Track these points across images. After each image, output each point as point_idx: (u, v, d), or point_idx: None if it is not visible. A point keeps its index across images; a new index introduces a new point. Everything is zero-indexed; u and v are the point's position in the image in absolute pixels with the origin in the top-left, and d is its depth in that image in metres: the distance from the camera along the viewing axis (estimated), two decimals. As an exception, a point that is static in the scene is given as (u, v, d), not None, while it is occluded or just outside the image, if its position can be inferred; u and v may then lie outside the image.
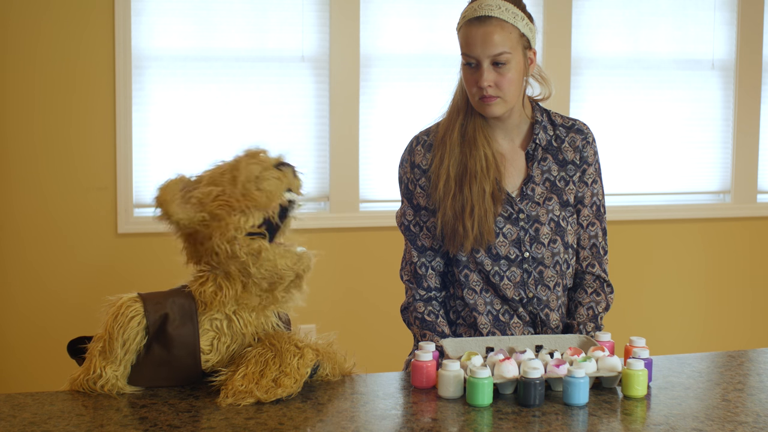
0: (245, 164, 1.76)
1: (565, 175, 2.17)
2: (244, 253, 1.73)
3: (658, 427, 1.62)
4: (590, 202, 2.20)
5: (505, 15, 2.04)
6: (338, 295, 3.72)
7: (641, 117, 4.04)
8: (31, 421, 1.60)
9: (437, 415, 1.67)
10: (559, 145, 2.18)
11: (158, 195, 1.75)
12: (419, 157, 2.16)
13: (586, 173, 2.19)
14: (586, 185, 2.19)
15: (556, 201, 2.15)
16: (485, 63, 2.03)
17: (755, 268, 4.23)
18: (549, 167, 2.16)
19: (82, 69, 3.45)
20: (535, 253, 2.13)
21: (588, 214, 2.19)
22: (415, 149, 2.18)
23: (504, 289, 2.12)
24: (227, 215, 1.73)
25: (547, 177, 2.15)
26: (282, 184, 1.77)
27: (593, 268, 2.19)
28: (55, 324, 3.48)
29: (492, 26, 2.03)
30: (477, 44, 2.03)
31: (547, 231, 2.14)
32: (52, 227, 3.48)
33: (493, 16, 2.03)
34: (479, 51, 2.03)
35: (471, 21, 2.05)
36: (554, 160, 2.17)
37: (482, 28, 2.03)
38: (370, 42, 3.71)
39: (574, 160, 2.18)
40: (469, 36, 2.04)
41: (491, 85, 2.03)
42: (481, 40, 2.02)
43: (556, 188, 2.16)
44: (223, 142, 3.59)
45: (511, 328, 2.13)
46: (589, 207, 2.20)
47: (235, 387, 1.71)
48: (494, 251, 2.12)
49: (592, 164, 2.21)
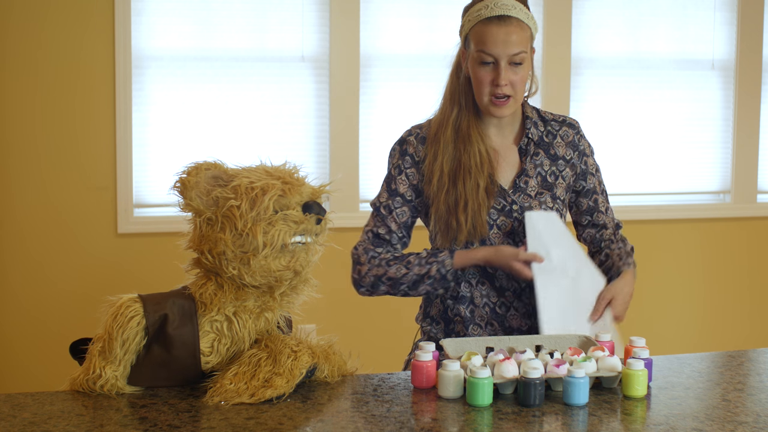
0: (272, 195, 1.70)
1: (555, 170, 2.20)
2: (232, 268, 1.73)
3: (658, 427, 1.62)
4: (601, 189, 2.28)
5: (521, 15, 2.07)
6: (338, 295, 3.71)
7: (641, 117, 4.04)
8: (31, 421, 1.60)
9: (437, 415, 1.67)
10: (551, 140, 2.21)
11: (184, 176, 1.73)
12: (411, 148, 2.18)
13: (589, 165, 2.26)
14: (592, 175, 2.26)
15: (548, 195, 2.18)
16: (503, 62, 2.05)
17: (755, 268, 4.23)
18: (541, 162, 2.19)
19: (82, 69, 3.45)
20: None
21: (603, 200, 2.28)
22: (407, 140, 2.20)
23: (499, 280, 2.14)
24: (227, 231, 1.72)
25: (539, 171, 2.18)
26: (289, 232, 1.72)
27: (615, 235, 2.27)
28: (56, 324, 3.48)
29: (512, 26, 2.05)
30: (498, 44, 2.04)
31: None
32: (52, 227, 3.48)
33: (513, 16, 2.05)
34: (500, 50, 2.04)
35: (490, 20, 2.05)
36: (546, 155, 2.20)
37: (503, 27, 2.04)
38: (370, 42, 3.71)
39: (564, 155, 2.21)
40: (488, 34, 2.05)
41: (507, 84, 2.05)
42: (503, 39, 2.04)
43: (547, 183, 2.19)
44: (223, 142, 3.59)
45: (508, 320, 2.14)
46: (601, 194, 2.28)
47: (224, 386, 1.70)
48: (488, 243, 2.13)
49: (590, 155, 2.28)
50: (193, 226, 1.79)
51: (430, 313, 2.24)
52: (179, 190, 1.74)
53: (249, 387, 1.70)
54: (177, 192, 1.75)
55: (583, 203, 2.26)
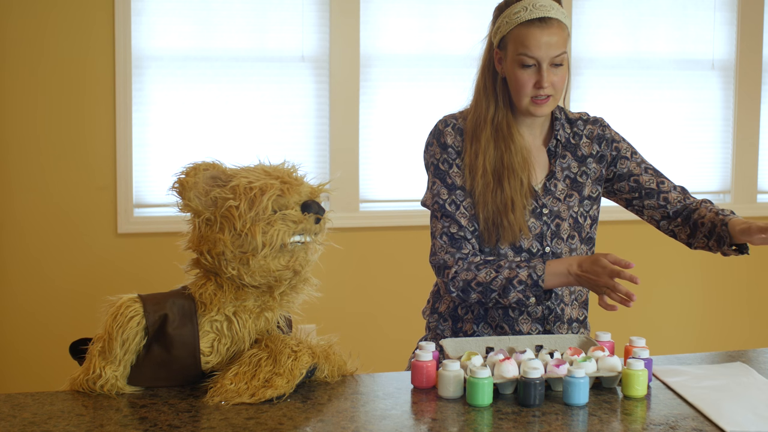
0: (271, 195, 1.71)
1: (585, 170, 2.19)
2: (231, 268, 1.73)
3: (658, 427, 1.62)
4: (641, 170, 2.23)
5: (560, 15, 2.06)
6: (338, 295, 3.71)
7: (641, 117, 4.04)
8: (31, 421, 1.60)
9: (437, 415, 1.67)
10: (578, 141, 2.19)
11: (183, 176, 1.73)
12: (450, 138, 2.13)
13: (621, 149, 2.23)
14: (627, 159, 2.23)
15: (576, 197, 2.17)
16: (545, 64, 2.03)
17: (754, 269, 4.23)
18: (569, 164, 2.18)
19: (82, 69, 3.45)
20: (555, 248, 2.13)
21: (648, 179, 2.22)
22: (444, 131, 2.14)
23: None
24: (226, 231, 1.72)
25: (567, 174, 2.17)
26: (288, 232, 1.72)
27: (688, 201, 2.23)
28: (56, 324, 3.48)
29: (554, 27, 2.04)
30: (541, 47, 2.02)
31: (567, 227, 2.15)
32: (52, 227, 3.49)
33: (554, 18, 2.04)
34: (543, 53, 2.03)
35: (532, 22, 2.03)
36: (573, 157, 2.18)
37: (546, 29, 2.03)
38: (370, 42, 3.71)
39: (591, 153, 2.20)
40: (530, 37, 2.03)
41: (549, 85, 2.05)
42: (546, 42, 2.02)
43: (576, 184, 2.17)
44: (223, 142, 3.59)
45: (518, 324, 2.13)
46: (644, 173, 2.23)
47: (224, 386, 1.70)
48: (518, 244, 2.12)
49: (621, 141, 2.25)
50: (192, 227, 1.79)
51: (439, 309, 2.21)
52: (178, 190, 1.74)
53: (249, 387, 1.70)
54: (175, 192, 1.75)
55: (624, 187, 2.22)
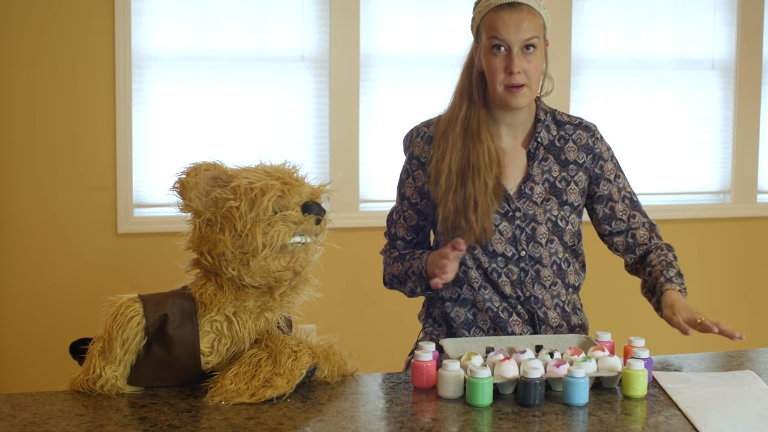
0: (271, 195, 1.71)
1: (566, 176, 2.16)
2: (231, 269, 1.73)
3: (658, 427, 1.62)
4: (620, 197, 2.21)
5: (531, 2, 2.06)
6: (338, 295, 3.71)
7: (641, 117, 4.04)
8: (31, 421, 1.60)
9: (437, 415, 1.67)
10: (563, 145, 2.17)
11: (183, 177, 1.73)
12: (418, 149, 2.17)
13: (605, 170, 2.20)
14: (609, 182, 2.20)
15: (555, 201, 2.15)
16: (515, 48, 2.03)
17: (755, 269, 4.23)
18: (550, 167, 2.15)
19: (82, 69, 3.45)
20: (532, 252, 2.12)
21: (623, 209, 2.21)
22: (414, 141, 2.19)
23: (502, 286, 2.12)
24: (226, 232, 1.72)
25: (546, 177, 2.14)
26: (289, 233, 1.72)
27: (652, 242, 2.21)
28: (56, 324, 3.48)
29: (524, 12, 2.04)
30: (510, 29, 2.03)
31: (544, 231, 2.13)
32: (52, 227, 3.48)
33: (524, 3, 2.05)
34: (512, 35, 2.03)
35: (501, 7, 2.05)
36: (556, 160, 2.16)
37: (514, 13, 2.04)
38: (370, 42, 3.71)
39: (576, 159, 2.16)
40: (499, 20, 2.04)
41: (521, 71, 2.04)
42: (514, 25, 2.03)
43: (555, 189, 2.15)
44: (223, 142, 3.59)
45: (510, 326, 2.13)
46: (621, 202, 2.21)
47: (224, 386, 1.70)
48: (491, 248, 2.11)
49: (608, 160, 2.21)
50: (192, 227, 1.79)
51: (433, 313, 2.22)
52: (178, 190, 1.74)
53: (249, 387, 1.70)
54: (176, 193, 1.75)
55: (598, 210, 2.20)
